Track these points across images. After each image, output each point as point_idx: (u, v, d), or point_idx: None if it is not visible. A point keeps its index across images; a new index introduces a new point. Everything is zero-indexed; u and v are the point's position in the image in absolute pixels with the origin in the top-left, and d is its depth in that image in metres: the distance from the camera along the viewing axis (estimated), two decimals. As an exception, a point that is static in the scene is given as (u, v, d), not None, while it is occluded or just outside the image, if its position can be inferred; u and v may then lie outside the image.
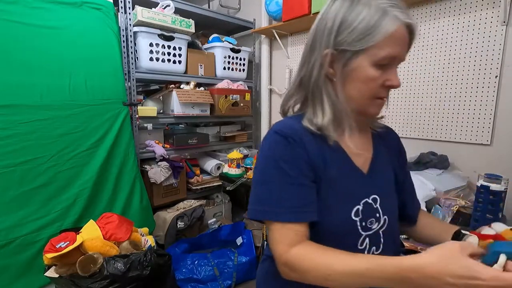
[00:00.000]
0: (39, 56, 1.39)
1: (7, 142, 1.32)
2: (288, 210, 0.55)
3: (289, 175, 0.56)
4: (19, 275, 1.36)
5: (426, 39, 1.54)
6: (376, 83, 0.57)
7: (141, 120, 1.83)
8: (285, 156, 0.57)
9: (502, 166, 1.32)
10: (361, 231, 0.61)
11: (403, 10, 0.54)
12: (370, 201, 0.63)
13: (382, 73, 0.56)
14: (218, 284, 1.62)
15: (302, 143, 0.58)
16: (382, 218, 0.64)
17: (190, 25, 1.93)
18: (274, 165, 0.57)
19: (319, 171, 0.59)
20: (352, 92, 0.59)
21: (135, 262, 1.17)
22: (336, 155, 0.62)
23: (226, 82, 2.19)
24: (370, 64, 0.55)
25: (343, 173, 0.62)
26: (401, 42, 0.55)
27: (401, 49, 0.56)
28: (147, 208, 1.81)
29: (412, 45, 0.59)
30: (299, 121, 0.62)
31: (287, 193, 0.56)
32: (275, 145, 0.58)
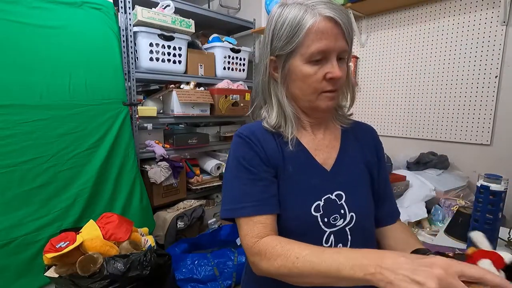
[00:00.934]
0: (39, 56, 1.39)
1: (7, 142, 1.32)
2: (252, 204, 0.58)
3: (250, 172, 0.60)
4: (19, 275, 1.35)
5: (426, 39, 1.55)
6: (314, 78, 0.59)
7: (141, 120, 1.83)
8: (245, 155, 0.62)
9: (502, 166, 1.32)
10: (324, 227, 0.61)
11: (327, 6, 0.56)
12: (333, 197, 0.63)
13: (320, 67, 0.59)
14: (218, 284, 1.62)
15: (259, 142, 0.63)
16: (348, 215, 0.63)
17: (190, 25, 1.93)
18: (237, 164, 0.62)
19: (278, 167, 0.63)
20: (295, 91, 0.64)
21: (135, 262, 1.17)
22: (296, 152, 0.65)
23: (226, 82, 2.18)
24: (303, 62, 0.59)
25: (302, 169, 0.64)
26: (326, 35, 0.56)
27: (329, 42, 0.56)
28: (147, 208, 1.81)
29: (351, 35, 0.59)
30: (260, 123, 0.68)
31: (250, 188, 0.60)
32: (236, 147, 0.64)
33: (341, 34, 0.57)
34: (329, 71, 0.58)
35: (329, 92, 0.61)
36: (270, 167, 0.62)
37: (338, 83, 0.61)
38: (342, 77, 0.60)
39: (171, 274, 1.36)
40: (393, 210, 0.74)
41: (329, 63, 0.58)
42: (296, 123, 0.67)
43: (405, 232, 0.71)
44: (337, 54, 0.59)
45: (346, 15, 0.58)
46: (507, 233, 1.00)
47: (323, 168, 0.65)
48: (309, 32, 0.57)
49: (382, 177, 0.72)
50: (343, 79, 0.61)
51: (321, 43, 0.57)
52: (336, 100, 0.64)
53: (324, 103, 0.62)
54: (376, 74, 1.77)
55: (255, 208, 0.58)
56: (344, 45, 0.58)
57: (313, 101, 0.63)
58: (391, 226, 0.71)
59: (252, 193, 0.59)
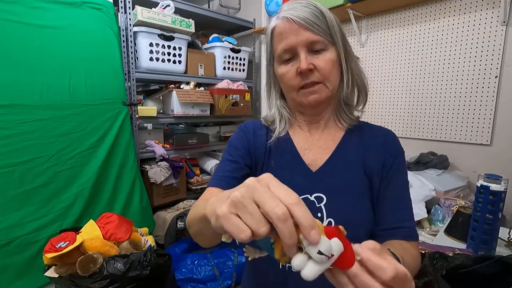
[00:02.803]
0: (39, 56, 1.39)
1: (7, 142, 1.32)
2: (217, 178, 0.64)
3: (230, 154, 0.67)
4: (19, 275, 1.35)
5: (426, 39, 1.54)
6: (287, 76, 0.62)
7: (141, 120, 1.83)
8: (234, 141, 0.69)
9: (502, 166, 1.32)
10: None
11: (289, 6, 0.60)
12: (312, 198, 0.61)
13: (292, 65, 0.61)
14: (218, 284, 1.62)
15: (251, 134, 0.69)
16: (325, 220, 0.60)
17: (190, 25, 1.93)
18: (227, 147, 0.70)
19: (260, 161, 0.67)
20: (284, 91, 0.68)
21: (135, 262, 1.17)
22: (283, 149, 0.67)
23: (226, 82, 2.18)
24: (278, 64, 0.64)
25: (284, 167, 0.65)
26: (285, 34, 0.60)
27: (289, 39, 0.59)
28: (147, 208, 1.81)
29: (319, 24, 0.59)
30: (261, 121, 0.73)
31: (223, 166, 0.66)
32: (234, 135, 0.71)
33: (301, 28, 0.58)
34: (298, 65, 0.59)
35: (305, 87, 0.61)
36: (249, 156, 0.67)
37: (313, 76, 0.60)
38: (319, 68, 0.59)
39: (171, 274, 1.37)
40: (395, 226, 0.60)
41: (299, 58, 0.59)
42: (291, 122, 0.70)
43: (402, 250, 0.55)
44: (306, 48, 0.59)
45: (310, 8, 0.59)
46: (507, 233, 1.00)
47: (308, 169, 0.64)
48: (274, 36, 0.63)
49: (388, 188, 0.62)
50: (322, 70, 0.59)
51: (283, 43, 0.60)
52: (319, 94, 0.61)
53: (305, 99, 0.62)
54: (376, 74, 1.77)
55: (215, 181, 0.63)
56: (310, 36, 0.58)
57: (295, 98, 0.64)
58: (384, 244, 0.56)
59: (222, 170, 0.65)
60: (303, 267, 0.29)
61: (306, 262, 0.29)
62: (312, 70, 0.59)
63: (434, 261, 0.78)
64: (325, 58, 0.60)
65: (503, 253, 0.95)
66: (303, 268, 0.29)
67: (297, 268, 0.29)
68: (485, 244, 0.93)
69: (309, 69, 0.59)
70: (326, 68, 0.60)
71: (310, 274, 0.29)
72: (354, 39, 1.84)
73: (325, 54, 0.60)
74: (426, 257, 0.79)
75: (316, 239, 0.28)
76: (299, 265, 0.29)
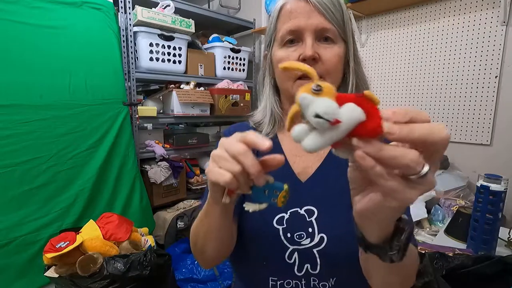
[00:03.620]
0: (39, 56, 1.39)
1: (7, 142, 1.32)
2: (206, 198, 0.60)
3: None
4: (19, 275, 1.36)
5: (426, 39, 1.54)
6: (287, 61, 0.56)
7: (141, 120, 1.83)
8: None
9: (502, 166, 1.32)
10: (287, 242, 0.55)
11: None
12: (302, 212, 0.56)
13: (295, 50, 0.54)
14: (218, 284, 1.62)
15: None
16: (316, 235, 0.54)
17: (190, 25, 1.93)
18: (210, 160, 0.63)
19: None
20: (278, 81, 0.60)
21: (135, 262, 1.17)
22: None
23: (226, 82, 2.18)
24: (278, 47, 0.57)
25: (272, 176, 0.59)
26: (295, 13, 0.53)
27: (298, 20, 0.53)
28: (147, 208, 1.81)
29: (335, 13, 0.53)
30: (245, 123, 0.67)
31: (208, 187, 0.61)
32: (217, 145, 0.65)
33: (315, 11, 0.52)
34: (302, 52, 0.53)
35: (303, 78, 0.54)
36: None
37: (315, 66, 0.53)
38: (324, 60, 0.53)
39: (171, 274, 1.36)
40: None
41: (304, 44, 0.53)
42: (281, 124, 0.63)
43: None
44: (314, 34, 0.53)
45: None
46: (507, 233, 1.00)
47: (296, 179, 0.59)
48: (280, 15, 0.56)
49: None
50: (327, 63, 0.53)
51: (290, 23, 0.54)
52: None
53: None
54: (376, 74, 1.77)
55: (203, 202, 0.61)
56: (322, 22, 0.52)
57: (289, 89, 0.57)
58: None
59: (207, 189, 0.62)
60: (303, 137, 0.26)
61: (308, 133, 0.26)
62: (316, 60, 0.53)
63: (434, 261, 0.78)
64: (332, 51, 0.54)
65: (503, 253, 0.95)
66: (302, 138, 0.26)
67: (296, 138, 0.26)
68: (485, 244, 0.92)
69: (313, 58, 0.52)
70: (332, 61, 0.54)
71: (310, 143, 0.25)
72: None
73: (333, 47, 0.54)
74: (426, 257, 0.79)
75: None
76: (298, 135, 0.26)
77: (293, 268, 0.56)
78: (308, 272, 0.56)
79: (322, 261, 0.55)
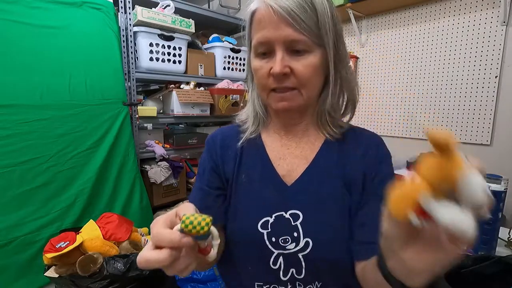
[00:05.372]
0: (39, 56, 1.39)
1: (7, 142, 1.32)
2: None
3: (201, 178, 0.63)
4: (19, 275, 1.35)
5: (426, 39, 1.54)
6: (260, 73, 0.54)
7: (141, 120, 1.83)
8: (203, 161, 0.65)
9: (502, 166, 1.32)
10: (271, 247, 0.55)
11: None
12: (287, 216, 0.55)
13: (267, 62, 0.53)
14: (218, 284, 1.62)
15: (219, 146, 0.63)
16: (302, 239, 0.54)
17: (190, 25, 1.93)
18: (198, 166, 0.66)
19: (231, 177, 0.60)
20: (256, 87, 0.60)
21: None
22: (255, 159, 0.60)
23: (226, 82, 2.18)
24: (254, 56, 0.56)
25: (256, 180, 0.58)
26: (264, 24, 0.50)
27: (266, 32, 0.50)
28: (147, 208, 1.81)
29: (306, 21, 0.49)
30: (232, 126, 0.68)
31: (194, 193, 0.62)
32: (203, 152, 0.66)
33: (283, 22, 0.48)
34: (272, 65, 0.51)
35: (275, 91, 0.53)
36: (219, 177, 0.61)
37: (288, 80, 0.52)
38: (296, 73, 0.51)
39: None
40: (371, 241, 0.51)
41: (275, 57, 0.51)
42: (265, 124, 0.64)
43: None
44: (284, 46, 0.50)
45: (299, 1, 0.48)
46: (507, 233, 1.00)
47: (282, 182, 0.58)
48: (252, 22, 0.54)
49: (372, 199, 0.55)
50: (299, 75, 0.51)
51: (260, 33, 0.51)
52: (291, 101, 0.53)
53: (274, 104, 0.55)
54: (376, 74, 1.77)
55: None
56: (290, 33, 0.49)
57: (265, 99, 0.57)
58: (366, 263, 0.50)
59: (194, 199, 0.61)
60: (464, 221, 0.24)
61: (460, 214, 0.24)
62: (287, 74, 0.51)
63: (434, 261, 0.78)
64: (305, 62, 0.51)
65: (503, 253, 0.95)
66: (463, 223, 0.24)
67: (457, 226, 0.25)
68: (485, 244, 0.93)
69: (283, 73, 0.50)
70: (304, 73, 0.51)
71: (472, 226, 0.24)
72: (354, 39, 1.84)
73: (307, 58, 0.51)
74: (426, 257, 0.79)
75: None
76: (459, 222, 0.24)
77: (279, 273, 0.55)
78: (294, 277, 0.55)
79: (307, 266, 0.54)
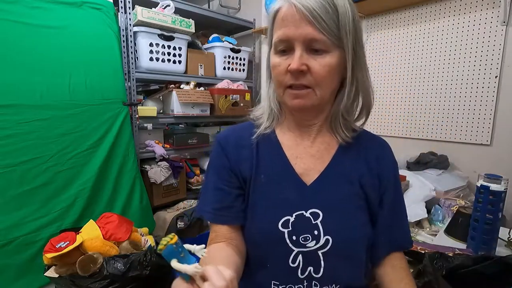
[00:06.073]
0: (39, 56, 1.39)
1: (7, 142, 1.32)
2: (210, 211, 0.61)
3: (217, 177, 0.62)
4: (19, 275, 1.36)
5: (426, 39, 1.54)
6: (278, 70, 0.56)
7: (141, 120, 1.83)
8: (216, 161, 0.64)
9: (502, 166, 1.32)
10: (291, 245, 0.56)
11: None
12: (307, 214, 0.57)
13: (286, 59, 0.54)
14: (218, 284, 1.62)
15: (233, 146, 0.62)
16: (322, 237, 0.56)
17: (190, 25, 1.93)
18: (210, 167, 0.65)
19: (248, 178, 0.61)
20: (273, 84, 0.61)
21: (135, 262, 1.17)
22: (272, 158, 0.62)
23: (226, 82, 2.19)
24: (273, 53, 0.57)
25: (276, 180, 0.60)
26: (286, 22, 0.52)
27: (287, 29, 0.52)
28: (147, 208, 1.81)
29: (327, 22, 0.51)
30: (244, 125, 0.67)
31: (211, 194, 0.62)
32: (213, 150, 0.66)
33: (304, 21, 0.50)
34: (290, 62, 0.53)
35: (291, 87, 0.55)
36: (236, 177, 0.61)
37: (303, 78, 0.53)
38: (312, 72, 0.52)
39: (171, 274, 1.36)
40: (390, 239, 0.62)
41: (294, 55, 0.53)
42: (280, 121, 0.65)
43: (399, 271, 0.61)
44: (304, 45, 0.52)
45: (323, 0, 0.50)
46: (507, 233, 1.00)
47: (301, 181, 0.59)
48: (275, 20, 0.56)
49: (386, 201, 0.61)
50: (315, 74, 0.53)
51: (281, 31, 0.53)
52: (306, 100, 0.55)
53: (289, 101, 0.56)
54: (376, 74, 1.77)
55: (211, 215, 0.61)
56: (310, 32, 0.50)
57: (281, 96, 0.58)
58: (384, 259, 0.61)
59: (211, 200, 0.61)
60: None
61: None
62: (304, 72, 0.52)
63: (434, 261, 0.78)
64: (322, 62, 0.52)
65: (503, 253, 0.95)
66: None
67: None
68: (485, 244, 0.92)
69: (300, 70, 0.52)
70: (320, 73, 0.53)
71: None
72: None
73: (324, 57, 0.53)
74: (426, 257, 0.79)
75: None
76: None
77: (297, 272, 0.57)
78: (311, 275, 0.57)
79: (326, 264, 0.56)
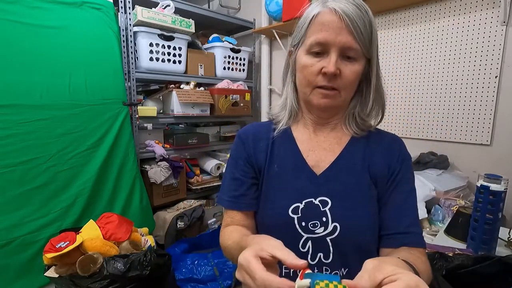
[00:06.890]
0: (39, 56, 1.39)
1: (7, 142, 1.32)
2: (227, 198, 0.67)
3: (235, 168, 0.68)
4: (19, 275, 1.35)
5: (426, 39, 1.54)
6: (309, 70, 0.59)
7: (141, 120, 1.83)
8: (235, 153, 0.70)
9: (502, 166, 1.32)
10: (301, 231, 0.60)
11: (340, 1, 0.56)
12: (316, 202, 0.60)
13: (319, 61, 0.58)
14: (218, 284, 1.62)
15: (251, 140, 0.68)
16: (330, 224, 0.59)
17: (190, 25, 1.93)
18: (230, 159, 0.71)
19: (262, 167, 0.66)
20: (298, 82, 0.65)
21: (135, 262, 1.17)
22: (286, 150, 0.67)
23: (226, 82, 2.18)
24: (304, 53, 0.60)
25: (288, 170, 0.64)
26: (327, 27, 0.56)
27: (328, 35, 0.56)
28: (147, 208, 1.81)
29: (363, 33, 0.56)
30: (263, 123, 0.73)
31: (228, 183, 0.68)
32: (234, 143, 0.72)
33: (345, 29, 0.55)
34: (325, 65, 0.56)
35: (322, 88, 0.59)
36: (252, 167, 0.67)
37: (335, 81, 0.58)
38: (343, 76, 0.57)
39: (171, 274, 1.37)
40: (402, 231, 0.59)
41: (329, 58, 0.56)
42: (297, 119, 0.69)
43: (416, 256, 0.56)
44: (340, 51, 0.56)
45: (361, 13, 0.56)
46: (507, 233, 1.00)
47: (311, 171, 0.63)
48: (313, 23, 0.58)
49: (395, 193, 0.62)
50: (345, 79, 0.57)
51: (320, 35, 0.56)
52: (332, 100, 0.60)
53: (316, 100, 0.60)
54: (376, 74, 1.77)
55: (228, 202, 0.67)
56: (349, 41, 0.55)
57: (307, 94, 0.62)
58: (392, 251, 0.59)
59: (228, 189, 0.68)
60: None
61: None
62: (336, 76, 0.57)
63: (434, 261, 0.78)
64: (352, 68, 0.58)
65: (503, 253, 0.95)
66: None
67: None
68: (485, 244, 0.93)
69: (334, 74, 0.56)
70: (349, 78, 0.58)
71: None
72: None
73: (354, 64, 0.58)
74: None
75: None
76: None
77: (307, 257, 0.59)
78: (321, 261, 0.60)
79: (335, 250, 0.59)
